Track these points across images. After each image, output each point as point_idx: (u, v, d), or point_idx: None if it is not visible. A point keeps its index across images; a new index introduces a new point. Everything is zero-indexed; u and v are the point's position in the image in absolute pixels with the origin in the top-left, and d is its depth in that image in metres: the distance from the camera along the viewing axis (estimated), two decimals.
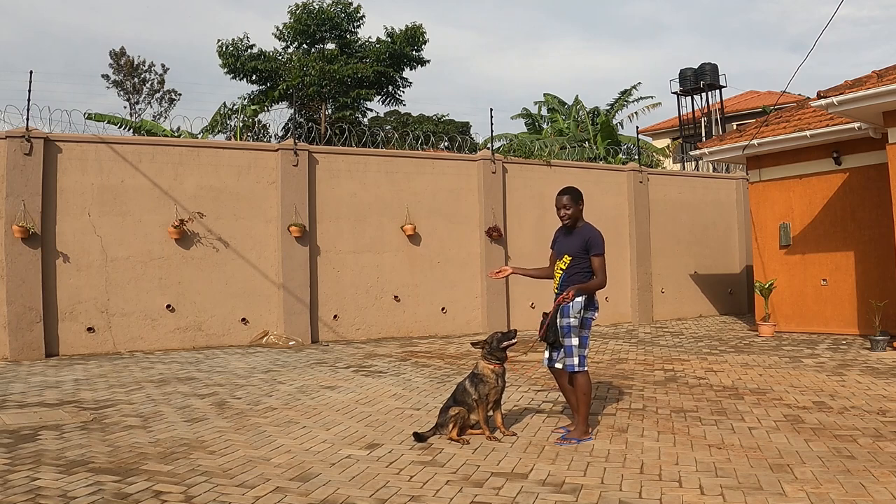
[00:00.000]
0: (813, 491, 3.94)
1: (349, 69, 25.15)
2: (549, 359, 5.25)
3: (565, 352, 5.07)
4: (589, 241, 5.11)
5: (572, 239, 5.18)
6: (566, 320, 5.05)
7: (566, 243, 5.21)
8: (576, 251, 5.12)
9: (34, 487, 4.15)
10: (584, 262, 5.11)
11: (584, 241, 5.12)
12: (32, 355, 9.82)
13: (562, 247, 5.24)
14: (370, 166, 12.48)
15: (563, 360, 5.09)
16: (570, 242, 5.18)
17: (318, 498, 4.01)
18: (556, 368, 5.19)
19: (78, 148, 10.53)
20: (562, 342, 5.06)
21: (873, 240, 11.21)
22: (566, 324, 5.05)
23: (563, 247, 5.23)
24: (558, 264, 5.23)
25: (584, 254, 5.10)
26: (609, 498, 3.93)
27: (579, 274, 5.11)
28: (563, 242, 5.25)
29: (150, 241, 10.85)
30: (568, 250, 5.16)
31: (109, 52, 36.44)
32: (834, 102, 9.55)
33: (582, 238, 5.13)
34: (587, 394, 5.14)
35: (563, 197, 5.20)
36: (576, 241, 5.14)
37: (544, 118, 26.69)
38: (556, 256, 5.28)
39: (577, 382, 5.10)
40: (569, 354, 5.06)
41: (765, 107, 25.26)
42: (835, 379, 7.49)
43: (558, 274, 5.21)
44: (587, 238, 5.13)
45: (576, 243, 5.14)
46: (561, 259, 5.21)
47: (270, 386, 7.63)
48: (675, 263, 15.56)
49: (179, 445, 5.12)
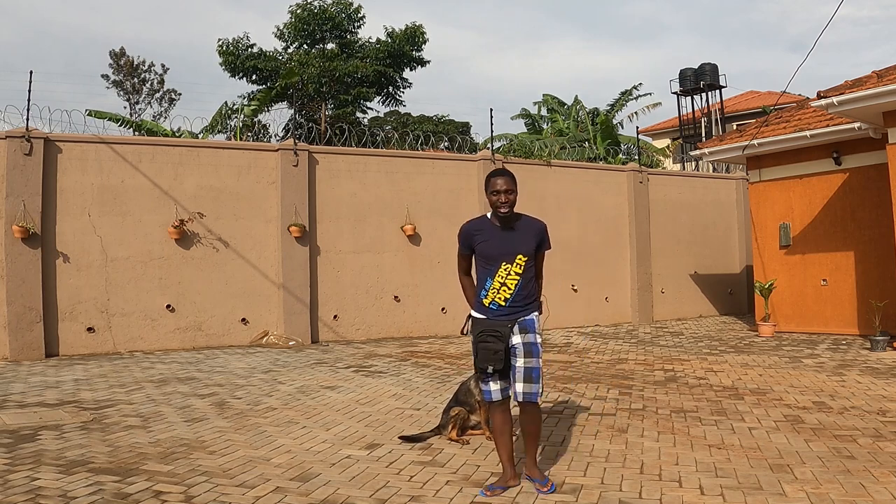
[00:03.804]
0: (813, 491, 3.94)
1: (349, 66, 25.16)
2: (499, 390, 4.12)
3: (532, 376, 4.04)
4: (543, 234, 4.24)
5: (519, 235, 4.15)
6: (535, 336, 4.11)
7: (512, 240, 4.13)
8: (531, 249, 4.14)
9: (34, 487, 4.15)
10: (533, 261, 4.18)
11: (537, 234, 4.19)
12: (32, 355, 9.82)
13: (505, 245, 4.11)
14: (370, 166, 12.48)
15: (526, 387, 4.03)
16: (518, 239, 4.14)
17: (318, 498, 4.01)
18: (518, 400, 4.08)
19: (78, 148, 10.53)
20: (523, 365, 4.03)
21: (873, 240, 11.21)
22: (536, 340, 4.11)
23: (507, 245, 4.11)
24: (506, 268, 4.07)
25: (536, 251, 4.20)
26: (609, 498, 3.93)
27: (534, 278, 4.21)
28: (504, 240, 4.12)
29: (150, 241, 10.85)
30: (521, 249, 4.11)
31: (109, 52, 36.44)
32: (834, 102, 9.55)
33: (533, 232, 4.19)
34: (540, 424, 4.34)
35: (504, 178, 4.10)
36: (526, 237, 4.16)
37: (544, 118, 26.66)
38: (496, 259, 4.09)
39: (538, 413, 4.18)
40: (536, 379, 4.06)
41: (765, 107, 25.25)
42: (835, 379, 7.49)
43: (512, 281, 4.07)
44: (540, 231, 4.23)
45: (527, 239, 4.15)
46: (509, 261, 4.08)
47: (270, 386, 7.63)
48: (675, 263, 15.56)
49: (179, 445, 5.12)
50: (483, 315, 4.14)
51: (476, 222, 4.26)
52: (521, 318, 4.10)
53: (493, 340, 4.03)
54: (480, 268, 4.18)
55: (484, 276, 4.14)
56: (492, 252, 4.12)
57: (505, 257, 4.10)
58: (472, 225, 4.26)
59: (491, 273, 4.11)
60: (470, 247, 4.23)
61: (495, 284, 4.09)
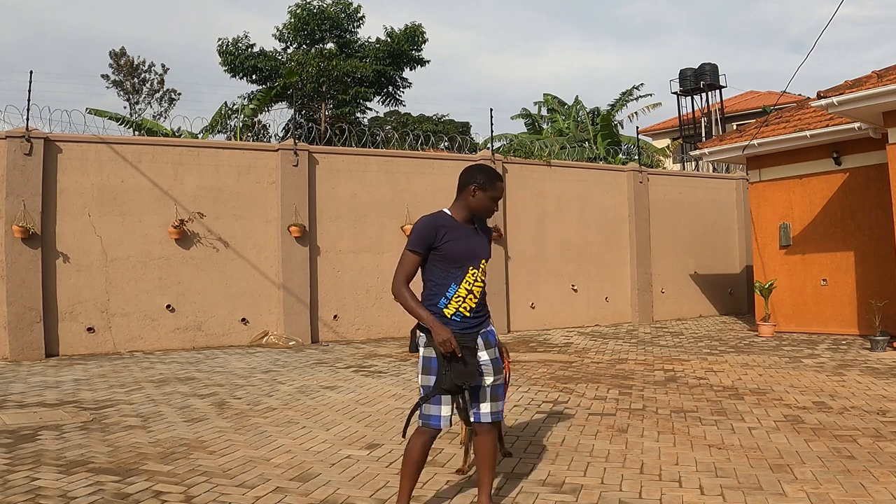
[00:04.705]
0: (813, 491, 3.94)
1: (349, 66, 25.17)
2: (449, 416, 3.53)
3: (499, 394, 3.62)
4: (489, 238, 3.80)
5: (481, 237, 3.69)
6: (497, 350, 3.69)
7: (478, 242, 3.66)
8: (489, 253, 3.75)
9: (34, 487, 4.15)
10: None
11: (489, 238, 3.78)
12: (32, 355, 9.82)
13: (473, 247, 3.62)
14: (370, 166, 12.48)
15: (494, 407, 3.59)
16: (481, 241, 3.68)
17: (318, 498, 4.01)
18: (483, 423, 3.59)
19: (78, 148, 10.53)
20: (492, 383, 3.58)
21: (873, 240, 11.20)
22: (498, 355, 3.68)
23: (475, 247, 3.63)
24: (473, 273, 3.58)
25: None
26: (609, 498, 3.93)
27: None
28: (471, 240, 3.63)
29: (150, 241, 10.85)
30: (484, 253, 3.67)
31: (109, 52, 36.40)
32: (834, 103, 9.55)
33: (489, 235, 3.78)
34: None
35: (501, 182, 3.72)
36: (485, 240, 3.72)
37: (544, 118, 26.65)
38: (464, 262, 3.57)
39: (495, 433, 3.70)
40: (502, 396, 3.68)
41: (765, 107, 25.25)
42: (835, 379, 7.49)
43: (478, 288, 3.59)
44: (490, 234, 3.82)
45: (486, 242, 3.72)
46: (475, 266, 3.60)
47: (270, 386, 7.63)
48: (675, 263, 15.56)
49: (179, 445, 5.12)
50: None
51: (440, 217, 3.63)
52: (484, 331, 3.63)
53: (466, 354, 3.47)
54: (441, 271, 3.55)
55: (446, 282, 3.54)
56: (461, 254, 3.56)
57: (472, 261, 3.58)
58: (437, 219, 3.61)
59: (456, 278, 3.54)
60: (430, 246, 3.54)
61: (461, 292, 3.53)
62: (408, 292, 3.56)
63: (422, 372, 3.52)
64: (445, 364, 3.42)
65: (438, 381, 3.44)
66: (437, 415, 3.47)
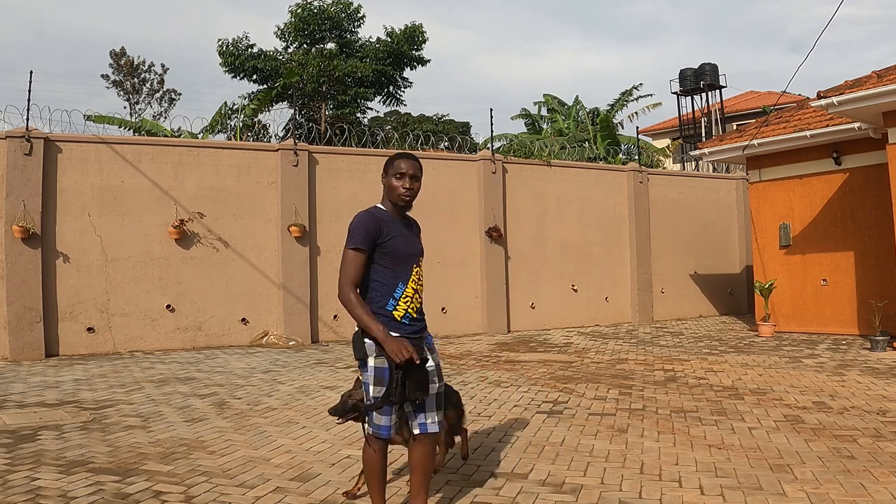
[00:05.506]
0: (813, 491, 3.94)
1: (349, 66, 25.18)
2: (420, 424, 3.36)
3: (440, 403, 3.43)
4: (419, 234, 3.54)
5: (414, 233, 3.48)
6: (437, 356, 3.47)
7: (413, 240, 3.43)
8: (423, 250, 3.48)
9: (34, 487, 4.15)
10: None
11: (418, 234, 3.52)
12: (32, 355, 9.82)
13: (416, 244, 3.43)
14: (370, 166, 12.47)
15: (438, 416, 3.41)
16: (415, 238, 3.46)
17: (318, 498, 4.01)
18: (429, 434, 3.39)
19: (78, 148, 10.53)
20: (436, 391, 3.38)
21: (873, 240, 11.21)
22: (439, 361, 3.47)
23: (416, 244, 3.43)
24: (416, 271, 3.37)
25: None
26: (609, 498, 3.93)
27: None
28: (409, 237, 3.40)
29: (150, 241, 10.85)
30: (421, 250, 3.45)
31: (109, 52, 36.45)
32: (834, 103, 9.55)
33: (419, 231, 3.53)
34: None
35: (410, 161, 3.35)
36: (418, 237, 3.49)
37: (544, 118, 26.66)
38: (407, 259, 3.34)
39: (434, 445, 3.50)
40: (440, 406, 3.45)
41: (765, 107, 25.25)
42: (835, 379, 7.49)
43: (421, 287, 3.39)
44: (418, 230, 3.54)
45: (418, 239, 3.49)
46: (417, 263, 3.38)
47: (270, 386, 7.63)
48: (675, 263, 15.56)
49: (179, 445, 5.12)
50: (396, 332, 3.23)
51: (377, 211, 3.35)
52: (425, 335, 3.41)
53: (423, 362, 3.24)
54: (387, 270, 3.29)
55: (394, 281, 3.29)
56: (403, 250, 3.32)
57: (414, 258, 3.35)
58: (376, 213, 3.33)
59: (402, 277, 3.30)
60: (374, 242, 3.25)
61: (408, 291, 3.30)
62: (356, 299, 3.23)
63: (373, 383, 3.26)
64: (399, 376, 3.19)
65: (388, 392, 3.21)
66: (388, 425, 3.32)
